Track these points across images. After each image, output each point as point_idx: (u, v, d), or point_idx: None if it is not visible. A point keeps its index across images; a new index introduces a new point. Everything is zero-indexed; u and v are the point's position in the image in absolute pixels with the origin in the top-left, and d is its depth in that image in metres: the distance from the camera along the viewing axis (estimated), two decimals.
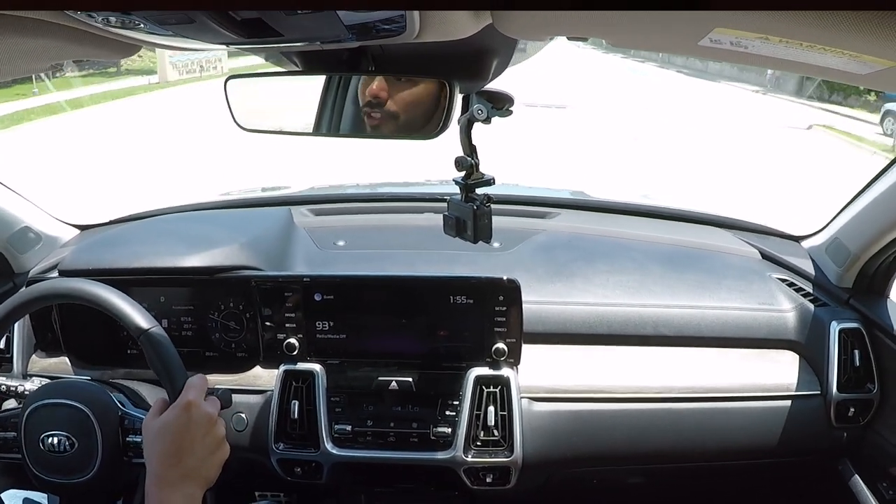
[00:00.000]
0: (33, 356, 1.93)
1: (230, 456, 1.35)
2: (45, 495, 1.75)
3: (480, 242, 1.40)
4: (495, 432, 1.75)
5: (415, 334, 1.81)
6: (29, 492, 1.77)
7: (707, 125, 16.06)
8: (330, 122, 1.36)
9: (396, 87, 1.27)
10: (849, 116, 18.75)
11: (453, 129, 1.26)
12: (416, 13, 0.79)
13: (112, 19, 0.77)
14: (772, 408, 1.84)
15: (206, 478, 1.28)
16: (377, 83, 1.26)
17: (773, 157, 12.60)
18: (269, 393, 1.83)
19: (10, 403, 1.67)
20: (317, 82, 1.33)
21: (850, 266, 1.90)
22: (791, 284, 2.00)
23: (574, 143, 13.08)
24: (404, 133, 1.32)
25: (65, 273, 1.81)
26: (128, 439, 1.54)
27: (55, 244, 2.19)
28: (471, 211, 1.37)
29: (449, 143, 1.34)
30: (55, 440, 1.49)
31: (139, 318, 1.42)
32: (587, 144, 12.77)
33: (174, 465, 1.24)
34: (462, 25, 0.85)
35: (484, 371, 1.78)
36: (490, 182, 1.37)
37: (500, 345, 1.76)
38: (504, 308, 1.76)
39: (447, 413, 1.77)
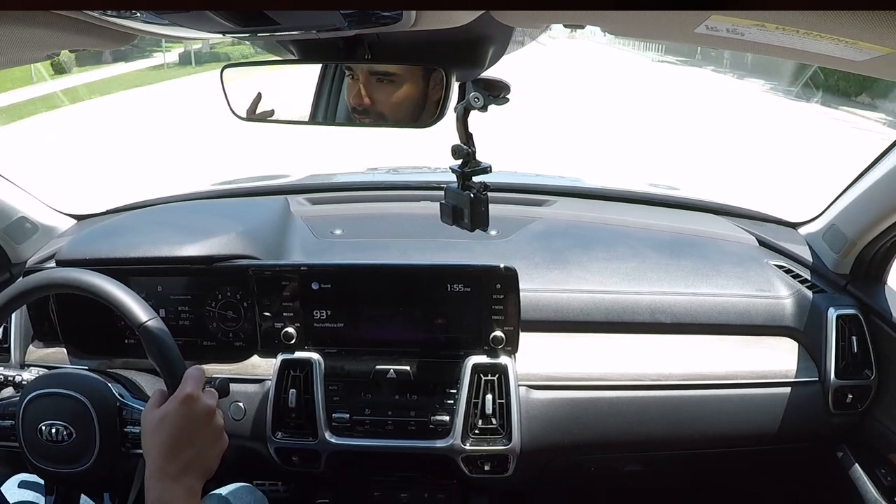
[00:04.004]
0: (31, 346, 1.94)
1: (228, 445, 1.35)
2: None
3: (477, 230, 1.40)
4: (493, 420, 1.75)
5: (412, 323, 1.81)
6: (26, 475, 1.77)
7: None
8: (326, 110, 1.36)
9: (378, 91, 1.27)
10: None
11: (450, 117, 1.26)
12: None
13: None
14: (769, 395, 1.85)
15: (206, 469, 1.28)
16: (361, 89, 1.27)
17: None
18: (266, 382, 1.83)
19: (8, 391, 1.67)
20: (313, 71, 1.33)
21: (848, 252, 1.90)
22: (788, 271, 2.00)
23: None
24: (399, 123, 1.32)
25: (62, 263, 1.81)
26: (126, 430, 1.54)
27: (52, 234, 2.19)
28: (467, 199, 1.37)
29: (446, 131, 1.34)
30: (53, 429, 1.49)
31: (138, 309, 1.42)
32: None
33: (174, 457, 1.23)
34: (458, 14, 0.85)
35: (481, 359, 1.78)
36: (486, 170, 1.37)
37: (498, 333, 1.77)
38: (501, 296, 1.76)
39: (445, 401, 1.77)
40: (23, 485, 1.74)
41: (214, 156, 10.31)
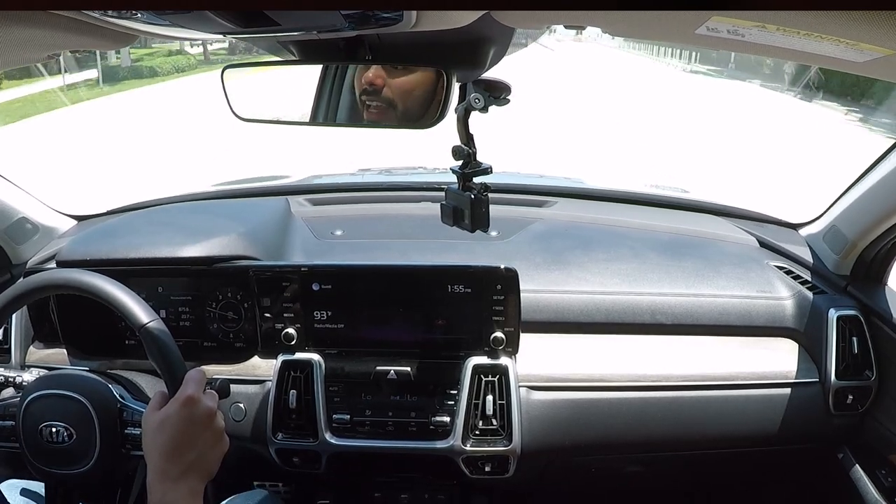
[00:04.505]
0: (31, 347, 1.94)
1: (229, 446, 1.35)
2: (43, 485, 1.75)
3: (478, 231, 1.40)
4: (494, 421, 1.75)
5: (413, 323, 1.81)
6: (27, 481, 1.77)
7: None
8: (327, 111, 1.35)
9: (393, 74, 1.27)
10: None
11: (450, 118, 1.26)
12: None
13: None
14: (770, 396, 1.85)
15: (208, 471, 1.28)
16: (373, 70, 1.26)
17: None
18: (267, 383, 1.83)
19: (8, 392, 1.67)
20: (313, 72, 1.33)
21: (848, 253, 1.90)
22: (789, 272, 2.00)
23: None
24: (401, 122, 1.32)
25: (62, 264, 1.81)
26: (126, 431, 1.53)
27: (52, 235, 2.19)
28: (468, 200, 1.36)
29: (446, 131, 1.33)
30: (53, 430, 1.49)
31: (139, 310, 1.41)
32: None
33: (175, 459, 1.23)
34: (459, 14, 0.85)
35: (482, 360, 1.78)
36: (487, 171, 1.37)
37: (498, 333, 1.76)
38: (502, 297, 1.76)
39: (446, 402, 1.77)
40: (23, 492, 1.74)
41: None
